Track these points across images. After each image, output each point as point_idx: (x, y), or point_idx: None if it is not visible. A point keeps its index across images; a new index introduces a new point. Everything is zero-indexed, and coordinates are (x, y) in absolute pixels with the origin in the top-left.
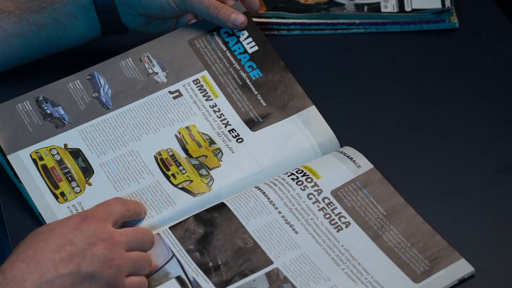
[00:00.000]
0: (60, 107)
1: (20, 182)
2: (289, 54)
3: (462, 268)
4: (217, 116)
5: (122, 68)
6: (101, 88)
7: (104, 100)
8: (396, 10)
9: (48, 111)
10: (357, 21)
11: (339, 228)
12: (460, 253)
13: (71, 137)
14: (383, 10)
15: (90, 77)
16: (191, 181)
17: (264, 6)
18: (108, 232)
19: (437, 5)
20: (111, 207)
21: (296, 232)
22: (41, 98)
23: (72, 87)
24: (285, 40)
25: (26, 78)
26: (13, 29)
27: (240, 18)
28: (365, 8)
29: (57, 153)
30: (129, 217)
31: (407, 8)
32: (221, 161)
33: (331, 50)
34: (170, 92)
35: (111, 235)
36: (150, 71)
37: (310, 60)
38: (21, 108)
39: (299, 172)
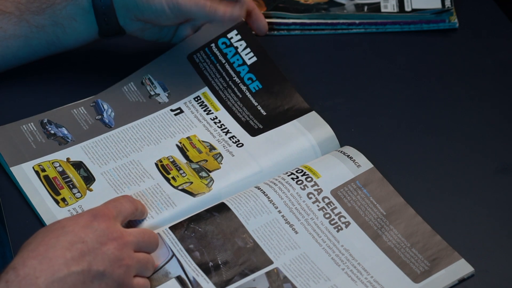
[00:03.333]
0: (63, 128)
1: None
2: (289, 54)
3: (462, 268)
4: (217, 126)
5: (124, 93)
6: (105, 112)
7: (107, 121)
8: (396, 10)
9: (52, 131)
10: (357, 21)
11: (339, 228)
12: (460, 253)
13: (74, 152)
14: (383, 10)
15: (94, 104)
16: (191, 182)
17: (264, 6)
18: (118, 231)
19: (437, 5)
20: (120, 205)
21: (296, 232)
22: (46, 120)
23: (76, 113)
24: (285, 40)
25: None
26: (13, 30)
27: (236, 11)
28: (365, 8)
29: (60, 166)
30: (136, 216)
31: (407, 8)
32: (221, 164)
33: (331, 50)
34: (172, 110)
35: (121, 234)
36: (152, 92)
37: (310, 60)
38: (25, 128)
39: (299, 171)
